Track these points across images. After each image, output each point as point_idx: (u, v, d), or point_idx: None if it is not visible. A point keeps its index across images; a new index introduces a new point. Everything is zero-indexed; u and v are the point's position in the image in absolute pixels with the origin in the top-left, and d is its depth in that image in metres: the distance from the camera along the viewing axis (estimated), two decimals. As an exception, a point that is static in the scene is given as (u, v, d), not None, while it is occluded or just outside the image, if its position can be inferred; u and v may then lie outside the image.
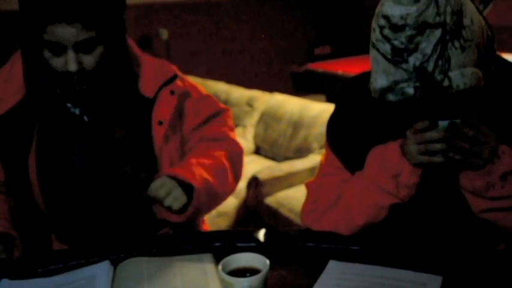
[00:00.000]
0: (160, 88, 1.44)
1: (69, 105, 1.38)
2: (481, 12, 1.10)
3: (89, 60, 1.26)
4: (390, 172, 1.19)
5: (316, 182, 1.41)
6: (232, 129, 1.59)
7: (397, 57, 1.07)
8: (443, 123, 1.11)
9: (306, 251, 1.27)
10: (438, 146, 1.12)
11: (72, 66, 1.24)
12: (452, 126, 1.10)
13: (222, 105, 1.59)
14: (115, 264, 1.21)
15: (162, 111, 1.43)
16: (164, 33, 5.99)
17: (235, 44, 6.57)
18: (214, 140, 1.53)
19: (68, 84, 1.29)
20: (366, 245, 1.24)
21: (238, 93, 4.70)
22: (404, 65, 1.07)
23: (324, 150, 1.43)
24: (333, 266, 1.16)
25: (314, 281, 1.10)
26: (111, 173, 1.40)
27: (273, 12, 6.65)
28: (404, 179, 1.19)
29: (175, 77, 1.48)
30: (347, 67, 4.77)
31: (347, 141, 1.32)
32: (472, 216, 1.18)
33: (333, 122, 1.38)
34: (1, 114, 1.34)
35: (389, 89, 1.10)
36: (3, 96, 1.35)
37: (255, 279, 0.98)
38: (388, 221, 1.25)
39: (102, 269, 1.19)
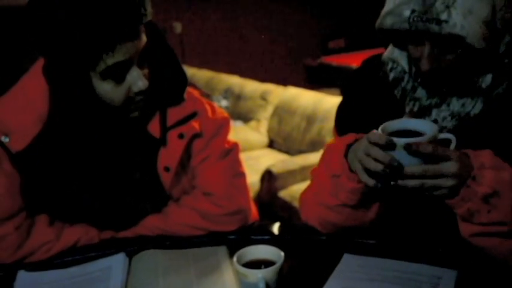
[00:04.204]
0: (167, 130, 1.30)
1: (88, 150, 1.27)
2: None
3: (146, 73, 1.18)
4: (331, 170, 1.12)
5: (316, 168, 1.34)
6: (237, 175, 1.39)
7: None
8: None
9: (320, 244, 1.27)
10: (379, 167, 0.98)
11: (142, 83, 1.15)
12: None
13: (231, 142, 1.39)
14: (130, 256, 1.22)
15: (168, 156, 1.30)
16: (178, 27, 6.01)
17: (249, 36, 6.57)
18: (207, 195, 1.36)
19: (128, 109, 1.20)
20: (381, 239, 1.23)
21: (252, 86, 4.70)
22: None
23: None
24: (347, 259, 1.15)
25: (328, 274, 1.10)
26: (124, 211, 1.34)
27: (287, 5, 6.63)
28: (342, 180, 1.09)
29: (192, 115, 1.32)
30: (361, 61, 4.74)
31: (353, 125, 1.26)
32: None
33: (342, 107, 1.33)
34: (23, 148, 1.21)
35: (390, 11, 1.04)
36: (21, 129, 1.21)
37: (270, 271, 0.99)
38: (402, 216, 1.23)
39: (117, 261, 1.20)
